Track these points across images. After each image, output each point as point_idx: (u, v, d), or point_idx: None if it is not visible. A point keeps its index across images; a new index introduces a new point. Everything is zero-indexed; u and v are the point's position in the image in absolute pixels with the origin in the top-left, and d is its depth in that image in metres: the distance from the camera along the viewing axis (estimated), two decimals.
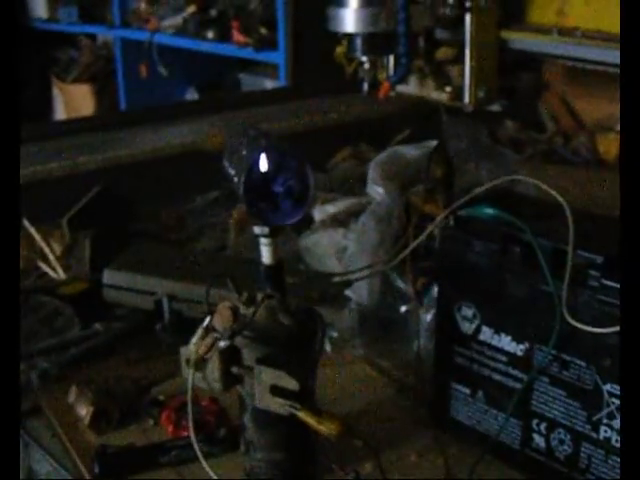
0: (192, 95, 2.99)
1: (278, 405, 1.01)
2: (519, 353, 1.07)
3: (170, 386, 1.31)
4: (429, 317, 1.38)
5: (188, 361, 1.05)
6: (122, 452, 1.12)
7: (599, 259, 0.98)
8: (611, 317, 0.95)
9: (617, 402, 0.99)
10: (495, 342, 1.09)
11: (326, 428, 1.00)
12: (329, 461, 1.12)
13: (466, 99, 1.82)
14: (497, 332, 1.09)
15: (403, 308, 1.44)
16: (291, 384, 0.99)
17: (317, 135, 2.01)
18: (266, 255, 1.04)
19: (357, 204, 1.68)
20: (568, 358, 1.02)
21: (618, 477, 1.01)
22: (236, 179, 0.93)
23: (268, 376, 1.01)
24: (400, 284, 1.44)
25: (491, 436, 1.13)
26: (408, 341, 1.40)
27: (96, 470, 1.10)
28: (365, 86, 1.84)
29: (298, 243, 1.66)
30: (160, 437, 1.20)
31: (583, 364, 1.01)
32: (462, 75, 1.77)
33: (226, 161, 1.05)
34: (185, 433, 1.19)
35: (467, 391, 1.15)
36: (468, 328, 1.12)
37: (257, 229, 1.02)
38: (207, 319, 1.03)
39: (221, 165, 1.05)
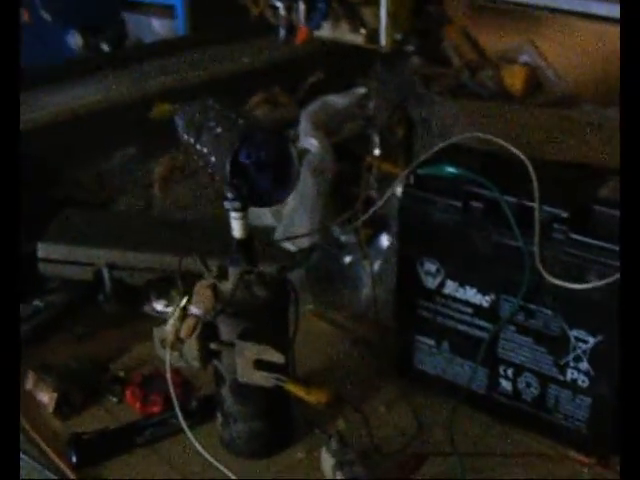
0: (75, 39, 2.83)
1: (263, 379, 1.01)
2: (485, 304, 1.11)
3: (128, 361, 1.29)
4: (376, 267, 1.40)
5: (164, 341, 1.04)
6: (97, 437, 1.10)
7: (563, 213, 1.02)
8: (578, 269, 1.00)
9: (583, 346, 1.04)
10: (460, 295, 1.12)
11: (315, 397, 1.01)
12: (307, 423, 1.14)
13: (382, 41, 1.80)
14: (462, 285, 1.12)
15: (347, 259, 1.46)
16: (276, 357, 1.00)
17: (228, 82, 1.96)
18: (238, 229, 1.02)
19: None
20: (534, 307, 1.06)
21: (584, 414, 1.08)
22: (213, 159, 0.90)
23: (251, 351, 1.01)
24: (342, 236, 1.45)
25: (457, 384, 1.17)
26: (356, 292, 1.42)
27: (73, 459, 1.08)
28: (282, 32, 1.79)
29: None
30: (127, 415, 1.18)
31: (550, 312, 1.05)
32: (377, 17, 1.75)
33: (186, 133, 1.02)
34: (155, 409, 1.17)
35: (431, 342, 1.18)
36: (432, 283, 1.14)
37: (227, 204, 1.00)
38: (184, 299, 1.01)
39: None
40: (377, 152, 1.29)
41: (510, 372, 1.12)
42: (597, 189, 1.06)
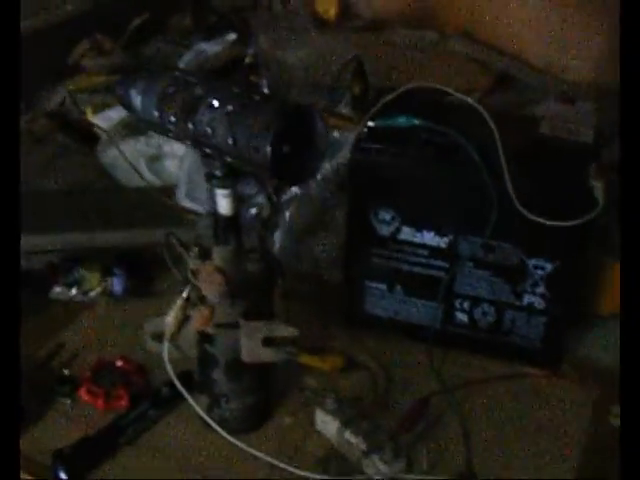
0: None
1: (273, 355, 0.99)
2: (442, 245, 1.16)
3: (67, 355, 1.18)
4: (288, 214, 1.39)
5: (157, 335, 0.98)
6: (80, 448, 1.01)
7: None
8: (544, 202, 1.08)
9: (541, 273, 1.13)
10: (417, 239, 1.16)
11: (330, 364, 1.01)
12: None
13: None
14: (419, 230, 1.16)
15: (253, 211, 1.43)
16: (289, 331, 0.98)
17: (46, 36, 1.77)
18: (226, 206, 0.97)
19: None
20: (495, 243, 1.13)
21: (539, 333, 1.18)
22: (230, 140, 0.85)
23: (261, 330, 0.98)
24: (246, 188, 1.42)
25: (411, 323, 1.22)
26: (270, 243, 1.40)
27: (62, 477, 0.99)
28: None
29: (98, 160, 1.52)
30: (89, 415, 1.10)
31: (509, 246, 1.13)
32: None
33: (158, 110, 0.93)
34: (122, 403, 1.10)
35: (383, 287, 1.21)
36: (386, 230, 1.17)
37: (215, 181, 0.95)
38: (186, 289, 0.95)
39: None
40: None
41: (466, 305, 1.19)
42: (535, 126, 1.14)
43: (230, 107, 0.85)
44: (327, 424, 1.07)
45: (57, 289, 1.27)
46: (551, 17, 1.94)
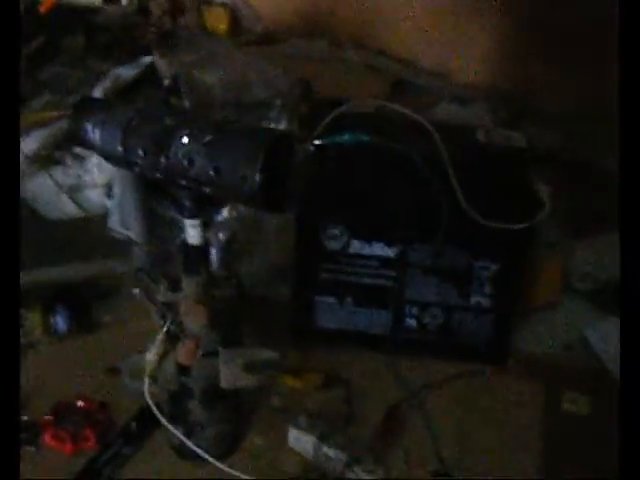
0: None
1: (254, 379, 1.00)
2: (391, 255, 1.19)
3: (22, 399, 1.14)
4: (221, 236, 1.39)
5: (138, 372, 0.96)
6: None
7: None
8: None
9: (486, 273, 1.19)
10: (366, 251, 1.19)
11: (311, 383, 1.02)
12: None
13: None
14: (368, 242, 1.19)
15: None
16: (270, 355, 0.99)
17: None
18: (195, 235, 0.97)
19: (58, 133, 1.52)
20: (443, 249, 1.18)
21: (486, 331, 1.24)
22: (211, 172, 0.85)
23: (242, 356, 0.98)
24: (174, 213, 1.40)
25: (360, 332, 1.25)
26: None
27: None
28: None
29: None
30: (56, 460, 1.06)
31: (457, 251, 1.18)
32: None
33: (123, 145, 0.92)
34: (89, 444, 1.07)
35: (333, 300, 1.24)
36: (335, 245, 1.19)
37: (184, 211, 0.94)
38: (166, 324, 0.94)
39: None
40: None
41: (415, 310, 1.23)
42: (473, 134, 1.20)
43: (208, 137, 0.85)
44: (301, 441, 1.08)
45: None
46: (438, 24, 2.03)
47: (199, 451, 0.99)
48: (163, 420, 0.97)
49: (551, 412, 1.18)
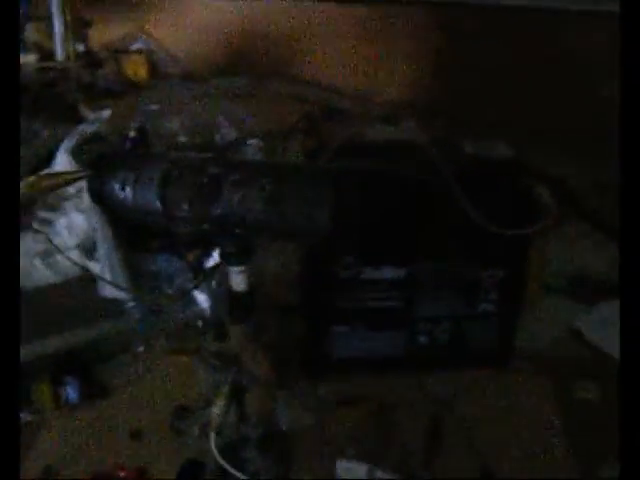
0: None
1: (314, 418, 0.99)
2: (401, 276, 1.22)
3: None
4: (213, 283, 1.38)
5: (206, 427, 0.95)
6: None
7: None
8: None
9: (493, 280, 1.23)
10: (377, 276, 1.21)
11: (367, 410, 1.03)
12: None
13: (60, 56, 1.64)
14: (377, 267, 1.21)
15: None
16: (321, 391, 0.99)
17: None
18: (242, 282, 0.96)
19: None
20: (451, 263, 1.21)
21: (492, 336, 1.28)
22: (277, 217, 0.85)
23: (296, 395, 0.98)
24: (165, 265, 1.38)
25: (374, 356, 1.27)
26: (201, 315, 1.38)
27: None
28: None
29: None
30: None
31: (466, 263, 1.21)
32: (50, 31, 1.58)
33: (176, 201, 0.90)
34: None
35: (347, 329, 1.25)
36: (349, 273, 1.21)
37: (231, 259, 0.94)
38: (229, 378, 0.93)
39: None
40: None
41: (428, 326, 1.26)
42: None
43: (263, 181, 0.85)
44: (352, 471, 1.08)
45: None
46: (357, 51, 2.08)
47: None
48: (233, 470, 0.95)
49: (563, 403, 1.23)
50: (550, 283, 1.52)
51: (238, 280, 0.95)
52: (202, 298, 1.37)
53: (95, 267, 1.33)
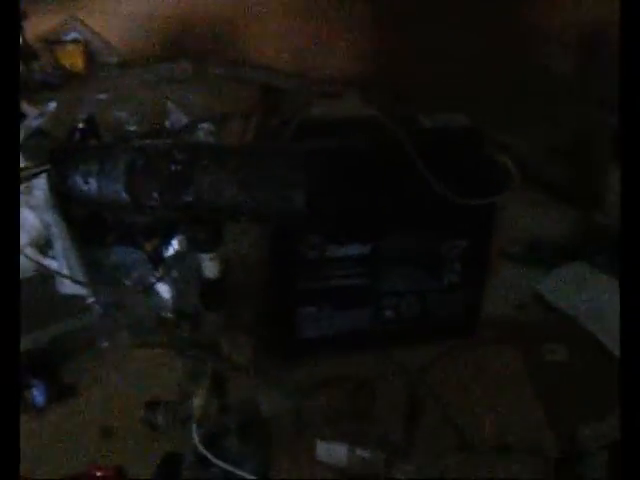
0: None
1: (293, 403, 0.99)
2: (366, 252, 1.21)
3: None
4: (174, 272, 1.35)
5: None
6: None
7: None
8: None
9: (455, 252, 1.24)
10: (341, 253, 1.20)
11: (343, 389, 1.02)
12: None
13: None
14: (342, 244, 1.20)
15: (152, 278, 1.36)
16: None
17: None
18: (212, 269, 0.94)
19: None
20: (414, 236, 1.21)
21: (458, 307, 1.29)
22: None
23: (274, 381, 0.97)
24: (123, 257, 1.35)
25: (341, 334, 1.26)
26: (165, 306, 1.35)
27: None
28: None
29: None
30: None
31: (429, 235, 1.21)
32: None
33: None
34: None
35: (313, 309, 1.24)
36: (314, 253, 1.19)
37: (196, 248, 0.92)
38: (207, 370, 0.92)
39: None
40: None
41: (392, 301, 1.26)
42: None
43: (233, 164, 0.83)
44: (332, 451, 1.08)
45: None
46: (293, 31, 2.07)
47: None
48: (216, 461, 0.93)
49: (534, 367, 1.24)
50: (509, 251, 1.53)
51: (210, 267, 0.93)
52: (164, 289, 1.35)
53: (52, 264, 1.29)
